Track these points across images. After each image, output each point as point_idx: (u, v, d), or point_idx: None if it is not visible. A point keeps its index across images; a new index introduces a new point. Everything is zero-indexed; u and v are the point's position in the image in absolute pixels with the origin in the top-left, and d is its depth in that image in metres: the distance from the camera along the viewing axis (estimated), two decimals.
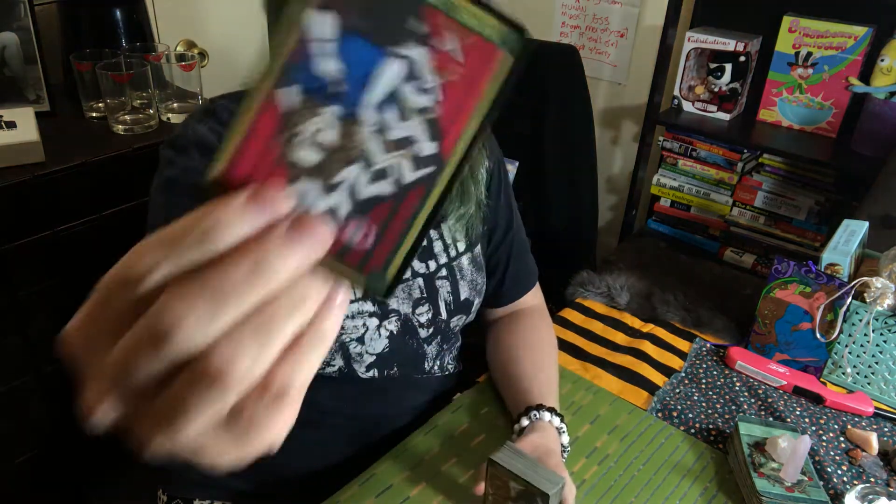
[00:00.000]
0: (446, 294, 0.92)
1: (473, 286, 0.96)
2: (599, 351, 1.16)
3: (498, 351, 1.02)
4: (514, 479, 0.73)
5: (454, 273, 0.93)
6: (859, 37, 1.67)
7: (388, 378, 0.90)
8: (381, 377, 0.89)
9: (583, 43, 2.34)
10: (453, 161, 0.29)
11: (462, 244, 0.94)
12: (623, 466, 0.91)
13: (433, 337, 0.93)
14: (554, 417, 0.87)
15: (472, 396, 1.01)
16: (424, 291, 0.90)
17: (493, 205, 0.97)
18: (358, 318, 0.84)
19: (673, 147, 1.95)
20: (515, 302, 1.06)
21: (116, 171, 1.24)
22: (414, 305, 0.89)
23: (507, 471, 0.73)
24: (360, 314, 0.84)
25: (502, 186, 0.99)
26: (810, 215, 1.80)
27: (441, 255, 0.91)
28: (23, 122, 1.20)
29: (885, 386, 1.08)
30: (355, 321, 0.84)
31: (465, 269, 0.94)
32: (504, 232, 1.01)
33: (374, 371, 0.88)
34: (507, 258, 1.03)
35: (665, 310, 1.26)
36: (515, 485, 0.73)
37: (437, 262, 0.91)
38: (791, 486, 0.85)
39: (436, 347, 0.95)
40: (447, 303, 0.92)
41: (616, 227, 2.39)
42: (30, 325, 1.22)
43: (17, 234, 1.14)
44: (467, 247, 0.94)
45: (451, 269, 0.92)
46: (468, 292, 0.95)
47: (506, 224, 1.01)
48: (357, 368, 0.86)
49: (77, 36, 1.38)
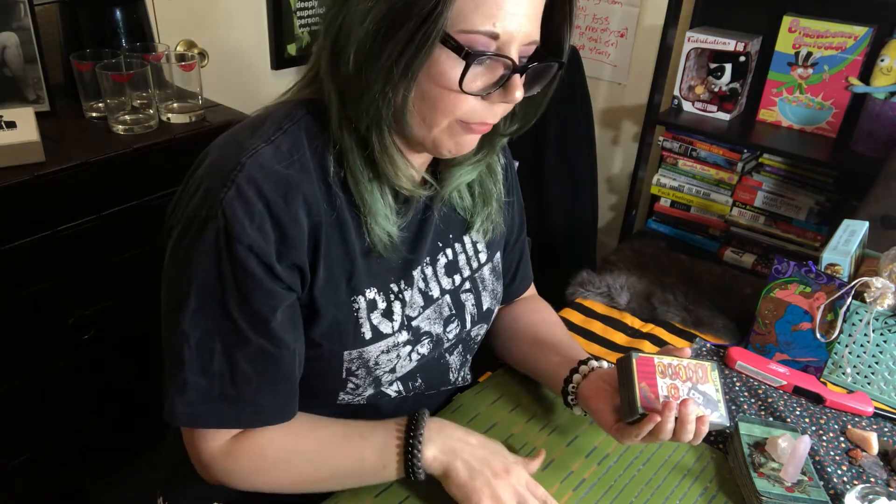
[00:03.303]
0: (471, 307, 0.92)
1: (494, 295, 0.95)
2: (599, 351, 1.16)
3: (520, 330, 1.03)
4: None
5: (477, 285, 0.92)
6: (859, 37, 1.67)
7: (411, 392, 0.89)
8: (406, 391, 0.89)
9: (583, 43, 2.34)
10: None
11: (483, 255, 0.93)
12: (623, 466, 0.91)
13: (455, 347, 0.93)
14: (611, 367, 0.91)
15: (472, 396, 1.01)
16: (453, 308, 0.89)
17: (512, 201, 0.97)
18: (393, 351, 0.82)
19: (673, 147, 1.95)
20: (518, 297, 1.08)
21: (116, 171, 1.24)
22: (445, 324, 0.88)
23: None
24: (395, 346, 0.82)
25: (515, 185, 0.99)
26: (810, 215, 1.80)
27: (465, 269, 0.90)
28: (23, 122, 1.20)
29: (885, 386, 1.08)
30: (389, 355, 0.81)
31: (487, 280, 0.94)
32: (518, 233, 1.02)
33: (398, 385, 0.87)
34: (519, 258, 1.04)
35: (665, 310, 1.26)
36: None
37: (462, 275, 0.90)
38: (791, 486, 0.85)
39: (458, 358, 0.95)
40: (472, 315, 0.92)
41: (616, 227, 2.39)
42: (30, 325, 1.22)
43: (17, 234, 1.14)
44: (488, 257, 0.94)
45: (474, 280, 0.92)
46: (490, 302, 0.95)
47: (519, 226, 1.02)
48: (385, 390, 0.86)
49: (77, 36, 1.38)
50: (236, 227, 0.67)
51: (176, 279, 0.71)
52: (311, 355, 0.78)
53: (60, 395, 1.31)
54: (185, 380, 0.71)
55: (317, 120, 0.74)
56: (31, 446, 1.33)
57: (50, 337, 1.25)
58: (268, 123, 0.73)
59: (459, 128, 0.71)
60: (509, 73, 0.67)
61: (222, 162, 0.71)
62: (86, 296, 1.27)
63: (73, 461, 1.40)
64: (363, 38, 0.65)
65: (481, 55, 0.65)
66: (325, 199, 0.72)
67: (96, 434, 1.41)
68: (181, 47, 1.64)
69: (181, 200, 0.73)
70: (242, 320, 0.70)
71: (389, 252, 0.77)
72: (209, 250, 0.68)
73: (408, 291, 0.82)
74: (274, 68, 1.95)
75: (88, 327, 1.29)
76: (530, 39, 0.67)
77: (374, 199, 0.74)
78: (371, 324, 0.79)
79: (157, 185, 1.29)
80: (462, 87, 0.66)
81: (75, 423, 1.37)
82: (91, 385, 1.35)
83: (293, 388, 0.77)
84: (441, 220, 0.86)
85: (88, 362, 1.33)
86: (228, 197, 0.67)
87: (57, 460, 1.37)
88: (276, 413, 0.76)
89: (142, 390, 1.39)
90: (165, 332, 0.73)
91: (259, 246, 0.68)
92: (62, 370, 1.29)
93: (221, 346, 0.71)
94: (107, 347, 1.34)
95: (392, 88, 0.66)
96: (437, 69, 0.66)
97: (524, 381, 1.04)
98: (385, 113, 0.68)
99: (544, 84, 0.75)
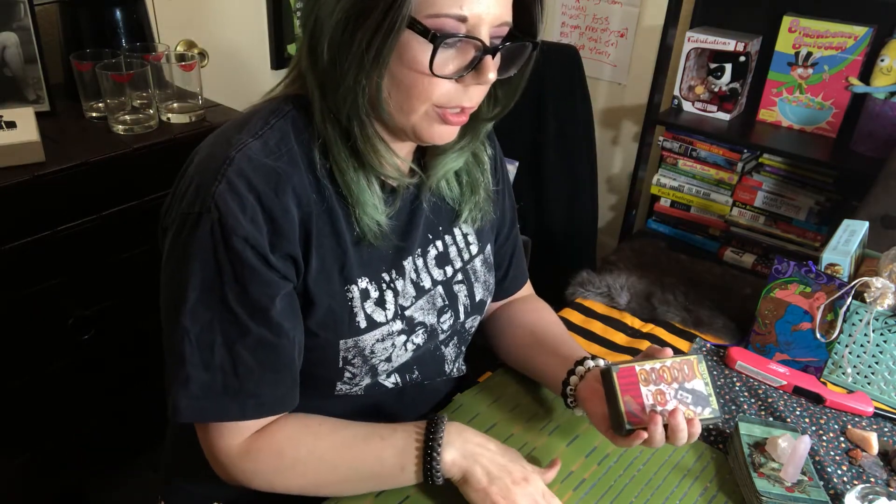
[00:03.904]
0: (464, 298, 0.92)
1: (486, 287, 0.96)
2: (599, 351, 1.16)
3: (516, 329, 1.03)
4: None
5: (469, 276, 0.93)
6: (859, 37, 1.67)
7: (408, 383, 0.90)
8: (403, 383, 0.89)
9: (583, 43, 2.34)
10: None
11: (475, 247, 0.94)
12: (623, 466, 0.91)
13: (450, 339, 0.93)
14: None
15: (471, 396, 1.01)
16: (446, 299, 0.89)
17: (501, 190, 0.98)
18: (388, 340, 0.82)
19: (673, 147, 1.95)
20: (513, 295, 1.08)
21: (116, 171, 1.24)
22: (438, 314, 0.89)
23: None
24: (390, 335, 0.82)
25: (504, 175, 1.00)
26: (810, 215, 1.80)
27: (456, 260, 0.91)
28: (23, 122, 1.20)
29: (885, 386, 1.08)
30: (385, 343, 0.82)
31: (479, 271, 0.94)
32: (510, 227, 1.02)
33: (395, 377, 0.87)
34: (511, 253, 1.04)
35: (665, 310, 1.26)
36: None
37: (454, 266, 0.91)
38: (791, 486, 0.85)
39: (454, 349, 0.95)
40: (465, 306, 0.93)
41: (616, 227, 2.39)
42: (30, 325, 1.22)
43: (17, 234, 1.14)
44: (479, 248, 0.94)
45: (466, 272, 0.92)
46: (482, 293, 0.95)
47: (510, 219, 1.02)
48: (381, 380, 0.86)
49: (77, 36, 1.38)
50: (230, 219, 0.68)
51: (173, 276, 0.72)
52: (307, 345, 0.78)
53: (60, 395, 1.31)
54: (188, 375, 0.71)
55: (302, 114, 0.75)
56: (31, 446, 1.33)
57: (50, 337, 1.25)
58: (255, 119, 0.74)
59: (436, 115, 0.72)
60: (480, 55, 0.68)
61: (212, 158, 0.72)
62: (86, 296, 1.27)
63: (73, 461, 1.40)
64: (334, 28, 0.66)
65: (449, 37, 0.66)
66: (314, 190, 0.73)
67: (96, 434, 1.41)
68: (181, 47, 1.64)
69: (174, 199, 0.74)
70: (242, 311, 0.71)
71: (380, 240, 0.78)
72: (205, 244, 0.69)
73: (399, 281, 0.83)
74: (274, 68, 1.95)
75: (88, 327, 1.29)
76: (501, 21, 0.68)
77: (361, 189, 0.75)
78: (365, 312, 0.79)
79: (157, 185, 1.29)
80: (433, 70, 0.67)
81: (75, 423, 1.37)
82: (91, 385, 1.35)
83: (294, 376, 0.78)
84: (431, 210, 0.86)
85: (88, 362, 1.33)
86: (220, 190, 0.68)
87: (57, 460, 1.37)
88: (278, 403, 0.76)
89: (142, 390, 1.39)
90: (166, 330, 0.73)
91: (254, 237, 0.69)
92: (62, 370, 1.29)
93: (222, 338, 0.71)
94: (107, 347, 1.34)
95: (366, 76, 0.67)
96: (408, 55, 0.67)
97: (524, 381, 1.04)
98: (361, 101, 0.69)
99: (520, 65, 0.75)
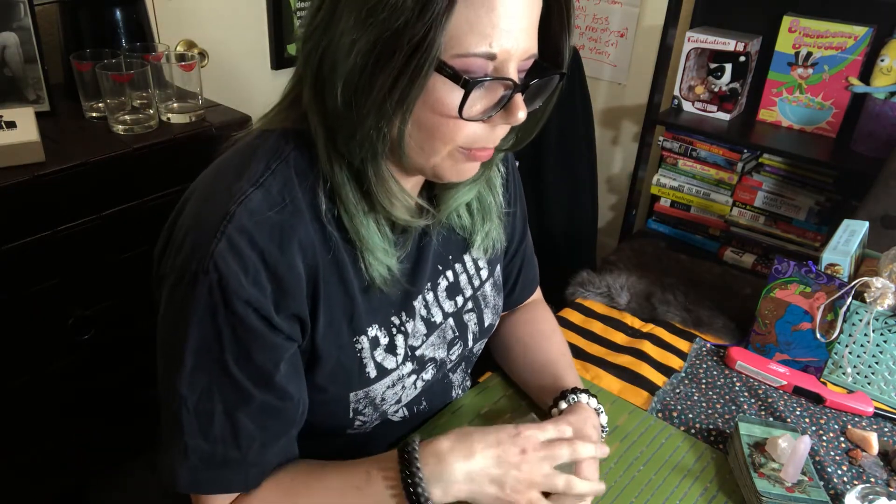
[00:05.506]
0: (473, 326, 0.90)
1: (495, 310, 0.94)
2: (599, 351, 1.16)
3: (512, 344, 1.01)
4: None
5: (479, 303, 0.90)
6: (859, 37, 1.67)
7: (416, 415, 0.89)
8: (411, 415, 0.88)
9: (583, 43, 2.34)
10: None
11: (485, 272, 0.91)
12: (623, 467, 0.91)
13: (458, 366, 0.92)
14: (591, 399, 0.87)
15: (471, 397, 1.01)
16: (456, 330, 0.87)
17: (512, 212, 0.95)
18: (398, 384, 0.80)
19: (673, 147, 1.95)
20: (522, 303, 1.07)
21: (116, 171, 1.24)
22: (448, 347, 0.86)
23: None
24: (400, 379, 0.80)
25: (518, 193, 0.97)
26: (810, 215, 1.80)
27: (467, 289, 0.88)
28: (23, 122, 1.20)
29: (885, 386, 1.08)
30: (395, 388, 0.79)
31: (489, 296, 0.92)
32: (519, 242, 1.00)
33: (403, 411, 0.86)
34: (520, 266, 1.02)
35: (665, 310, 1.26)
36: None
37: (464, 295, 0.88)
38: (791, 487, 0.85)
39: (461, 375, 0.95)
40: (474, 333, 0.91)
41: (616, 227, 2.39)
42: (30, 325, 1.22)
43: (17, 234, 1.14)
44: (489, 272, 0.92)
45: (476, 299, 0.90)
46: (491, 318, 0.93)
47: (520, 234, 1.00)
48: (391, 419, 0.85)
49: (77, 36, 1.38)
50: (232, 281, 0.63)
51: (170, 334, 0.67)
52: (316, 400, 0.75)
53: (60, 395, 1.31)
54: (186, 445, 0.67)
55: (304, 155, 0.69)
56: (31, 446, 1.33)
57: (49, 337, 1.25)
58: (254, 162, 0.68)
59: (461, 155, 0.67)
60: (510, 94, 0.63)
61: (210, 210, 0.66)
62: (85, 296, 1.27)
63: (73, 461, 1.40)
64: (350, 71, 0.60)
65: (481, 81, 0.60)
66: (319, 239, 0.69)
67: (96, 434, 1.41)
68: (181, 47, 1.64)
69: (170, 248, 0.68)
70: (244, 377, 0.67)
71: (389, 286, 0.75)
72: (203, 306, 0.64)
73: (409, 323, 0.80)
74: (274, 68, 1.95)
75: (88, 327, 1.29)
76: (528, 54, 0.63)
77: (371, 234, 0.71)
78: (375, 361, 0.77)
79: (157, 185, 1.28)
80: (462, 114, 0.62)
81: (75, 423, 1.37)
82: (91, 385, 1.35)
83: (294, 435, 0.75)
84: (440, 243, 0.83)
85: (88, 362, 1.32)
86: (219, 249, 0.63)
87: (57, 460, 1.37)
88: (280, 467, 0.74)
89: (142, 390, 1.39)
90: (162, 390, 0.69)
91: (257, 299, 0.64)
92: (62, 370, 1.29)
93: (222, 406, 0.67)
94: (107, 347, 1.34)
95: (387, 123, 0.62)
96: (434, 97, 0.61)
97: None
98: (381, 147, 0.64)
99: (546, 96, 0.70)
